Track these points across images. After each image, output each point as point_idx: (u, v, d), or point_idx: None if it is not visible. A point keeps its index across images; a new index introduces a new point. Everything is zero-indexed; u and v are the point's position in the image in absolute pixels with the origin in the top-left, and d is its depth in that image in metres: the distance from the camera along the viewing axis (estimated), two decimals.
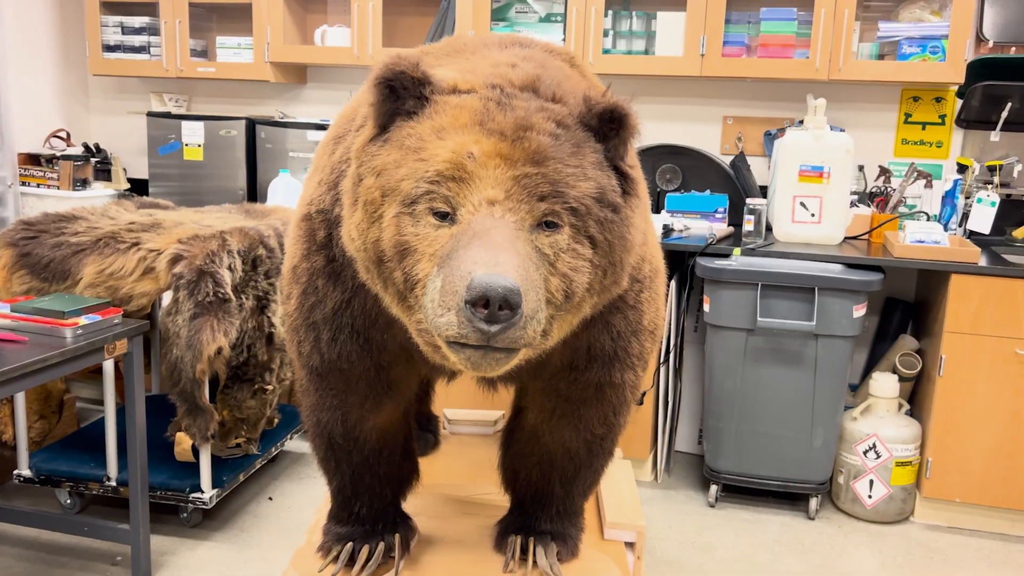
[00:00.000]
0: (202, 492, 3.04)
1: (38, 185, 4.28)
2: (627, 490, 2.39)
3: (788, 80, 3.73)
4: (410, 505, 2.07)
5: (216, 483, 3.09)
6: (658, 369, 3.57)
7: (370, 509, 1.90)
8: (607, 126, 1.36)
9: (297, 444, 3.87)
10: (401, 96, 1.35)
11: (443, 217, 1.29)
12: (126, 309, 2.89)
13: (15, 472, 3.18)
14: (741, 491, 3.59)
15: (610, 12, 3.84)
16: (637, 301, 1.70)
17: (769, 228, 3.62)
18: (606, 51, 3.84)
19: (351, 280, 1.58)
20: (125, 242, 2.94)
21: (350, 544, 1.88)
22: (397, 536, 1.90)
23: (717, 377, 3.43)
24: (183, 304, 2.85)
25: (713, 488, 3.54)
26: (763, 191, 3.83)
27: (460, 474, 2.43)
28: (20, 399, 3.14)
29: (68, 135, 4.62)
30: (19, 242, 3.00)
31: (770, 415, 3.39)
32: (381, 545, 1.87)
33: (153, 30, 4.39)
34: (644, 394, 3.56)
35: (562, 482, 1.90)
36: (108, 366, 3.00)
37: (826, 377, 3.31)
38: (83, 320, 2.51)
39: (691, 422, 4.06)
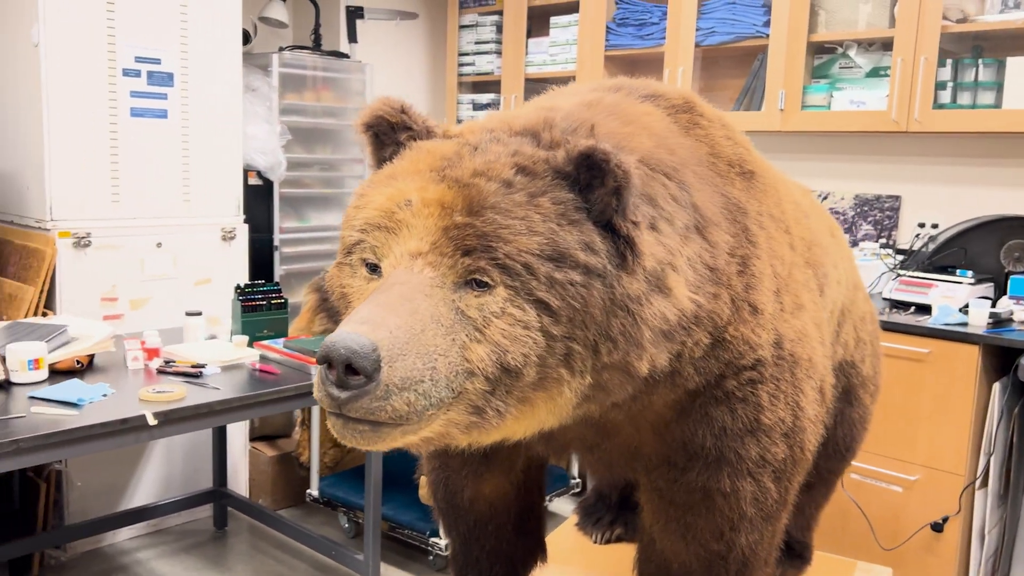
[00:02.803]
0: (440, 537, 3.13)
1: None
2: None
3: None
4: None
5: None
6: (967, 490, 2.89)
7: None
8: (586, 174, 1.13)
9: (559, 506, 3.80)
10: (384, 142, 1.29)
11: (373, 269, 1.20)
12: None
13: (307, 492, 3.58)
14: None
15: (949, 62, 3.29)
16: (750, 394, 1.39)
17: None
18: (940, 106, 3.28)
19: None
20: None
21: None
22: None
23: None
24: None
25: None
26: None
27: None
28: (315, 426, 3.54)
29: None
30: (323, 288, 3.41)
31: None
32: None
33: (497, 105, 4.77)
34: (946, 520, 2.91)
35: None
36: None
37: None
38: None
39: None
